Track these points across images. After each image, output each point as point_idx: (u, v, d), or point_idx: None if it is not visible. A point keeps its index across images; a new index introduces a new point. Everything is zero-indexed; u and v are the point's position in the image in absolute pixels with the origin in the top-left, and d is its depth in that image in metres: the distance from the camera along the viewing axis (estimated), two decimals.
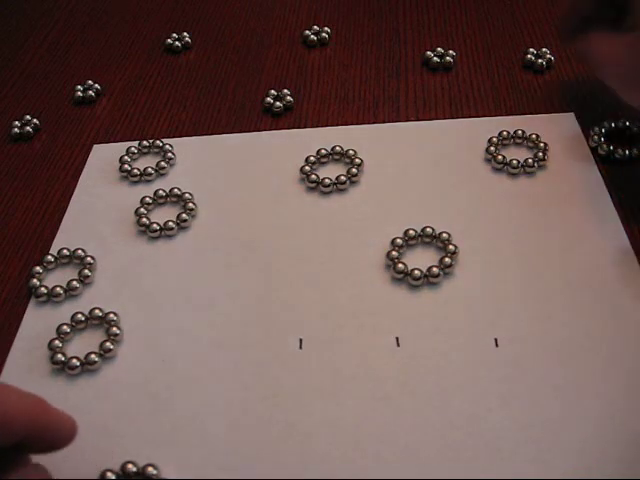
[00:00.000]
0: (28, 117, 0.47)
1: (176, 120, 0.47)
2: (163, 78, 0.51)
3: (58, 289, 0.35)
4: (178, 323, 0.34)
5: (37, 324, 0.34)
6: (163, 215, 0.39)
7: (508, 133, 0.41)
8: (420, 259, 0.35)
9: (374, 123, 0.44)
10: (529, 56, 0.47)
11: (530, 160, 0.39)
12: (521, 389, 0.29)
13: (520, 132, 0.41)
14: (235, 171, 0.42)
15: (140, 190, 0.41)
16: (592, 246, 0.35)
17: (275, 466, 0.28)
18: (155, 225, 0.38)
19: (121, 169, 0.42)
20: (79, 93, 0.49)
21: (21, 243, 0.39)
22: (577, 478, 0.26)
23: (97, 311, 0.34)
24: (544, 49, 0.48)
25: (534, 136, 0.41)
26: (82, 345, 0.33)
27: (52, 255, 0.37)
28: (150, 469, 0.28)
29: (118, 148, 0.44)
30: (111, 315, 0.34)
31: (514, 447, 0.27)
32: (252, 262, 0.36)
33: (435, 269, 0.34)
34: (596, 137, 0.40)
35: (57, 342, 0.33)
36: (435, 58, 0.48)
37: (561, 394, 0.29)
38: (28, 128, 0.47)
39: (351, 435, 0.28)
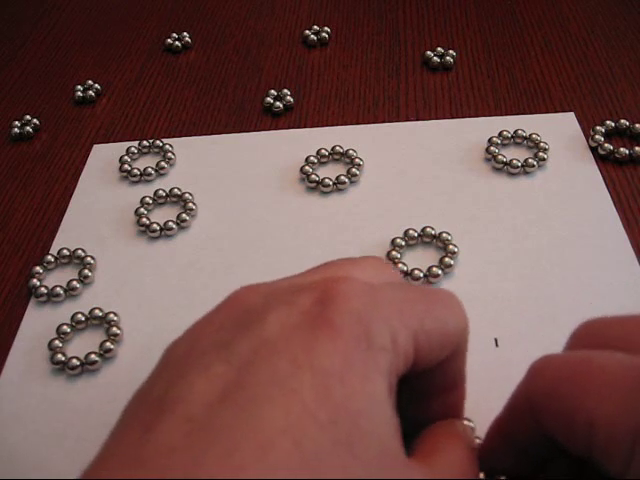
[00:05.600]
0: (28, 117, 0.47)
1: (176, 120, 0.47)
2: (163, 78, 0.51)
3: (58, 289, 0.35)
4: (178, 323, 0.34)
5: (37, 324, 0.34)
6: (163, 215, 0.39)
7: (508, 133, 0.41)
8: (420, 259, 0.35)
9: (374, 123, 0.44)
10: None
11: (530, 160, 0.39)
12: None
13: (520, 132, 0.41)
14: (235, 171, 0.42)
15: (140, 190, 0.41)
16: (592, 246, 0.35)
17: None
18: (155, 225, 0.38)
19: (121, 169, 0.42)
20: (79, 93, 0.49)
21: (21, 243, 0.39)
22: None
23: (97, 311, 0.34)
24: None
25: (534, 136, 0.41)
26: (82, 345, 0.33)
27: (52, 255, 0.37)
28: None
29: (118, 148, 0.44)
30: (111, 315, 0.34)
31: None
32: (252, 262, 0.36)
33: (435, 269, 0.34)
34: (596, 137, 0.40)
35: (57, 342, 0.33)
36: (435, 58, 0.48)
37: None
38: (28, 128, 0.47)
39: None
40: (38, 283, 0.36)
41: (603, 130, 0.41)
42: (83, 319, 0.34)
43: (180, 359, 0.19)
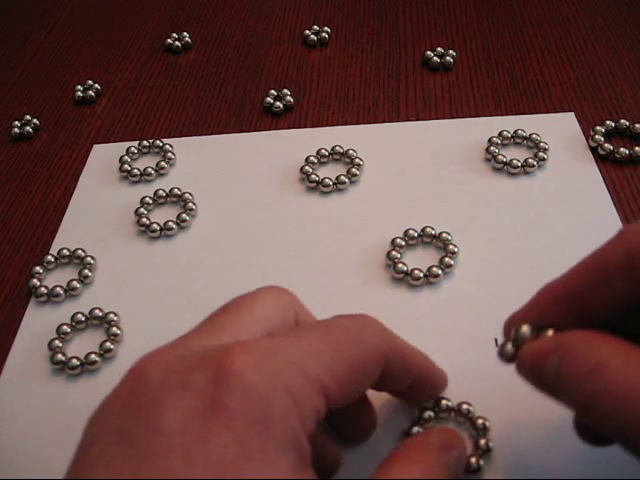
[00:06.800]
0: (28, 117, 0.47)
1: (176, 120, 0.47)
2: (163, 78, 0.51)
3: (58, 289, 0.35)
4: (178, 323, 0.34)
5: (37, 324, 0.34)
6: (163, 215, 0.39)
7: (508, 133, 0.41)
8: (420, 259, 0.35)
9: (374, 123, 0.44)
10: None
11: (530, 160, 0.39)
12: (522, 389, 0.29)
13: (520, 132, 0.41)
14: (235, 171, 0.42)
15: (140, 190, 0.41)
16: (592, 246, 0.35)
17: None
18: (155, 225, 0.38)
19: (121, 169, 0.42)
20: (79, 93, 0.49)
21: (21, 243, 0.39)
22: (580, 478, 0.26)
23: (97, 311, 0.34)
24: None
25: (534, 136, 0.41)
26: (82, 345, 0.33)
27: (52, 255, 0.37)
28: None
29: (118, 148, 0.44)
30: (111, 315, 0.34)
31: (516, 447, 0.27)
32: (252, 262, 0.36)
33: (435, 269, 0.34)
34: (596, 137, 0.40)
35: (57, 342, 0.33)
36: (435, 58, 0.48)
37: None
38: (28, 128, 0.47)
39: None
40: (38, 283, 0.36)
41: (603, 130, 0.41)
42: (83, 319, 0.34)
43: (87, 450, 0.19)
